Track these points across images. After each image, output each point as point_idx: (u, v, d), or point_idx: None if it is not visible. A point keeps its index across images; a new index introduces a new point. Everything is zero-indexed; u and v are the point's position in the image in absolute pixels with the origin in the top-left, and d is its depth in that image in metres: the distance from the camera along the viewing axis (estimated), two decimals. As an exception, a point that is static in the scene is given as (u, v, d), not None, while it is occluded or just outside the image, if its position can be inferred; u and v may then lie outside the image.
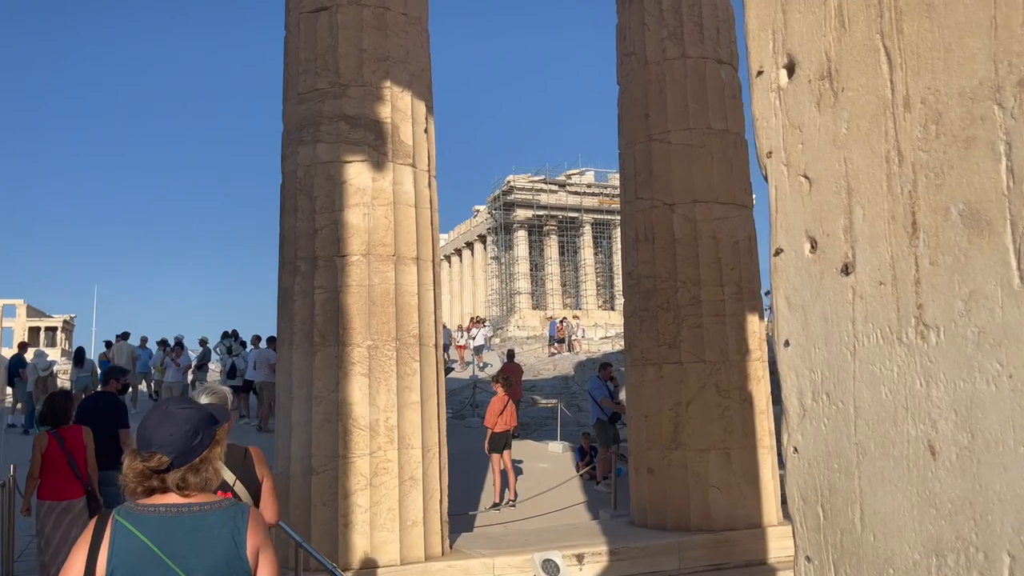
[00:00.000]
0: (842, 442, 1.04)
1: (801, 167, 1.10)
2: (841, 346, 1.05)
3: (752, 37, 1.20)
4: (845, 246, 1.04)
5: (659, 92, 7.60)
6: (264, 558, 2.12)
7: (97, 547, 2.03)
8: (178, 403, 2.20)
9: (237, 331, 16.37)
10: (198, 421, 2.13)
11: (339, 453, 5.93)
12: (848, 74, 1.05)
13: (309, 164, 6.37)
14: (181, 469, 2.06)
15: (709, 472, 7.04)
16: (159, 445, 2.05)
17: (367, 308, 6.11)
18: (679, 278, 7.31)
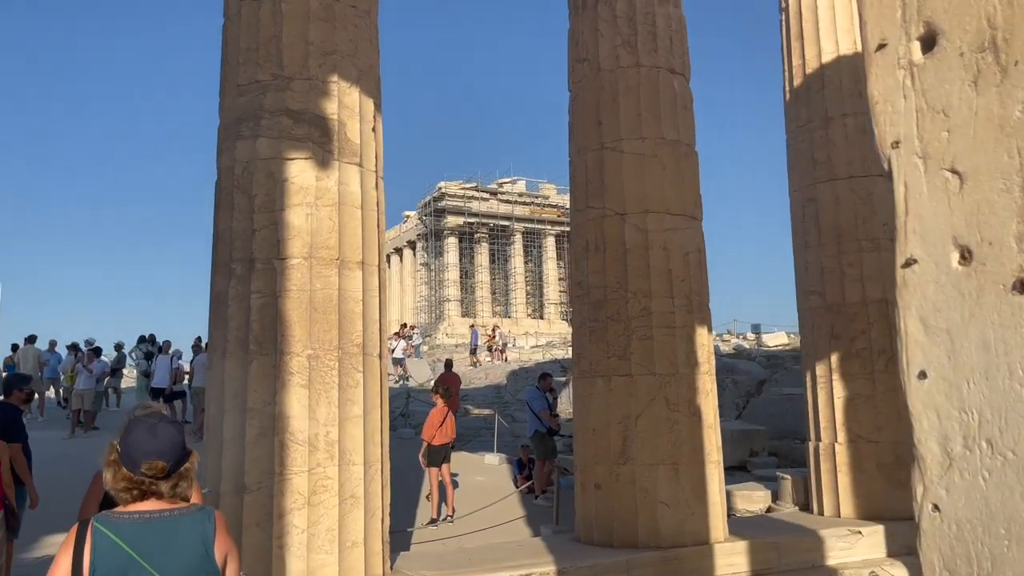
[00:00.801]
0: (1013, 503, 0.83)
1: (946, 160, 0.90)
2: (1011, 382, 0.84)
3: (870, 5, 0.99)
4: (1018, 257, 0.84)
5: (612, 100, 7.46)
6: (231, 560, 2.34)
7: (81, 551, 2.20)
8: (158, 418, 2.36)
9: (155, 336, 15.56)
10: (183, 433, 2.36)
11: (275, 470, 5.53)
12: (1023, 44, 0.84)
13: (248, 160, 5.97)
14: (174, 476, 2.29)
15: (658, 487, 6.90)
16: (159, 454, 2.25)
17: (308, 315, 5.75)
18: (630, 289, 7.17)
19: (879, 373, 8.22)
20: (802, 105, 8.99)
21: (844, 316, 8.43)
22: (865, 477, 8.18)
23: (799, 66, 9.03)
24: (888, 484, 8.10)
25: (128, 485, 2.28)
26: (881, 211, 8.48)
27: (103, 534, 2.21)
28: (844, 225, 8.53)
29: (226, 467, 5.63)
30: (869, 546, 7.59)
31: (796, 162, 9.05)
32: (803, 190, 8.91)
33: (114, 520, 2.26)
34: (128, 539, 2.21)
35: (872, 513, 8.06)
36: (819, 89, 8.81)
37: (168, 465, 2.27)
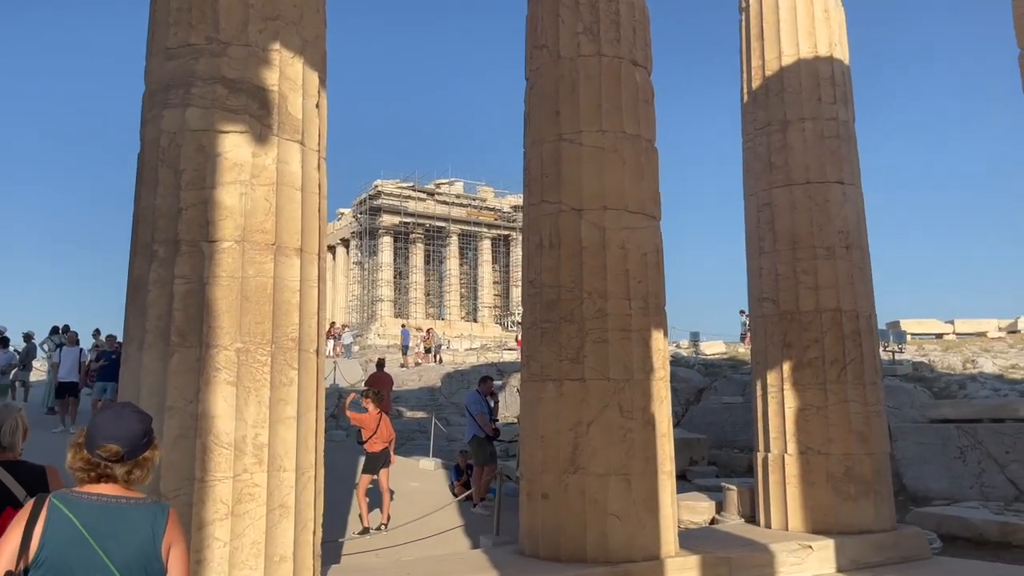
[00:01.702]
0: None
1: None
2: None
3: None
4: None
5: (572, 89, 7.10)
6: (177, 554, 2.39)
7: (33, 524, 2.27)
8: (128, 407, 2.50)
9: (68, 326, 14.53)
10: (147, 422, 2.45)
11: (195, 476, 4.95)
12: None
13: (176, 131, 5.38)
14: (129, 463, 2.35)
15: (609, 499, 6.54)
16: (116, 439, 2.33)
17: (239, 304, 5.19)
18: (585, 289, 6.81)
19: (831, 383, 8.07)
20: (760, 107, 8.81)
21: (798, 324, 8.25)
22: (814, 490, 8.01)
23: (758, 67, 8.85)
24: (837, 497, 7.95)
25: (85, 466, 2.36)
26: (837, 218, 8.35)
27: (58, 510, 2.30)
28: (800, 231, 8.37)
29: (139, 472, 5.01)
30: (819, 560, 7.40)
31: (752, 165, 8.86)
32: (759, 194, 8.72)
33: (72, 498, 2.34)
34: (82, 518, 2.28)
35: (821, 526, 7.89)
36: (778, 92, 8.65)
37: (123, 450, 2.34)
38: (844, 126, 8.58)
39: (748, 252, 8.91)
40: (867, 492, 7.96)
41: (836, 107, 8.55)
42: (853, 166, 8.61)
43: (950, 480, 10.69)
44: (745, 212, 9.01)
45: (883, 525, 8.02)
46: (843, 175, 8.46)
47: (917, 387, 12.94)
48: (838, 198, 8.39)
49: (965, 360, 15.06)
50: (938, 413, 11.22)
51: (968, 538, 8.85)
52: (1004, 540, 8.57)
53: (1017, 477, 10.17)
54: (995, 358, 15.04)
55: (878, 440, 8.14)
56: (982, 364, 14.55)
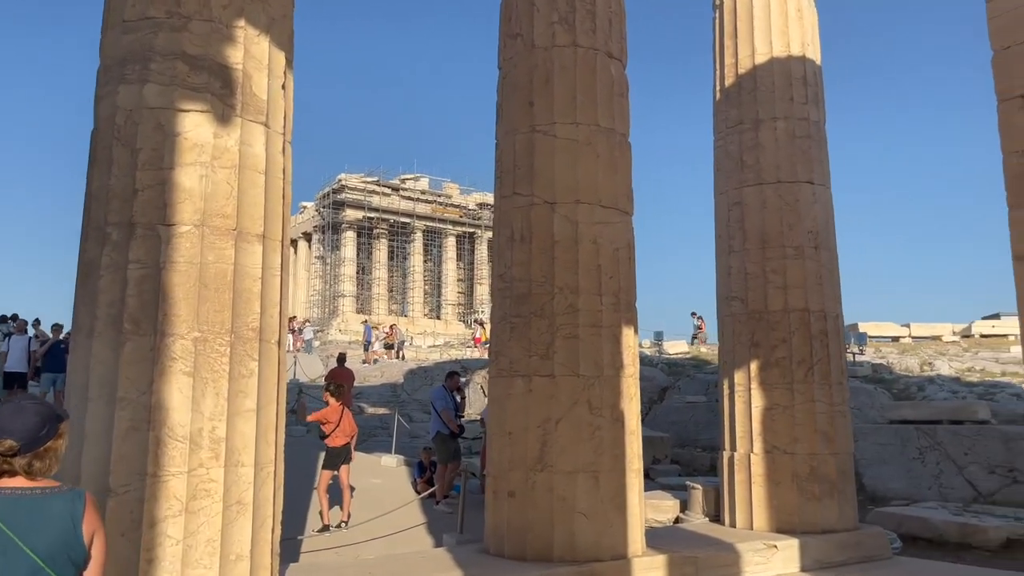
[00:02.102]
0: None
1: None
2: None
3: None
4: None
5: (546, 80, 6.97)
6: (98, 541, 2.44)
7: None
8: (29, 399, 2.53)
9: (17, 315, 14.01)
10: (46, 415, 2.46)
11: (148, 470, 4.71)
12: None
13: (133, 108, 5.12)
14: (28, 455, 2.36)
15: (577, 497, 6.43)
16: (10, 432, 2.36)
17: (197, 291, 4.96)
18: (556, 284, 6.68)
19: (798, 383, 8.06)
20: (733, 106, 8.77)
21: (766, 324, 8.23)
22: (780, 489, 8.00)
23: (731, 65, 8.82)
24: (802, 497, 7.94)
25: None
26: (807, 218, 8.34)
27: None
28: (770, 231, 8.35)
29: (87, 465, 4.77)
30: (784, 560, 7.38)
31: (723, 164, 8.82)
32: (729, 193, 8.69)
33: None
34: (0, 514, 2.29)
35: (785, 526, 7.88)
36: (751, 90, 8.61)
37: (17, 444, 2.36)
38: (815, 126, 8.58)
39: (717, 251, 8.87)
40: (831, 492, 7.97)
41: (808, 107, 8.54)
42: (823, 167, 8.61)
43: (909, 480, 10.80)
44: (715, 210, 8.97)
45: (846, 525, 8.03)
46: (813, 175, 8.45)
47: (877, 388, 13.08)
48: (808, 198, 8.38)
49: (922, 363, 15.28)
50: (898, 414, 11.34)
51: (928, 538, 8.92)
52: (964, 541, 8.65)
53: (975, 478, 10.31)
54: (951, 361, 15.28)
55: (843, 440, 8.16)
56: (939, 367, 14.77)
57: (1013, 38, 5.58)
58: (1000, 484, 10.08)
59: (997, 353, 16.08)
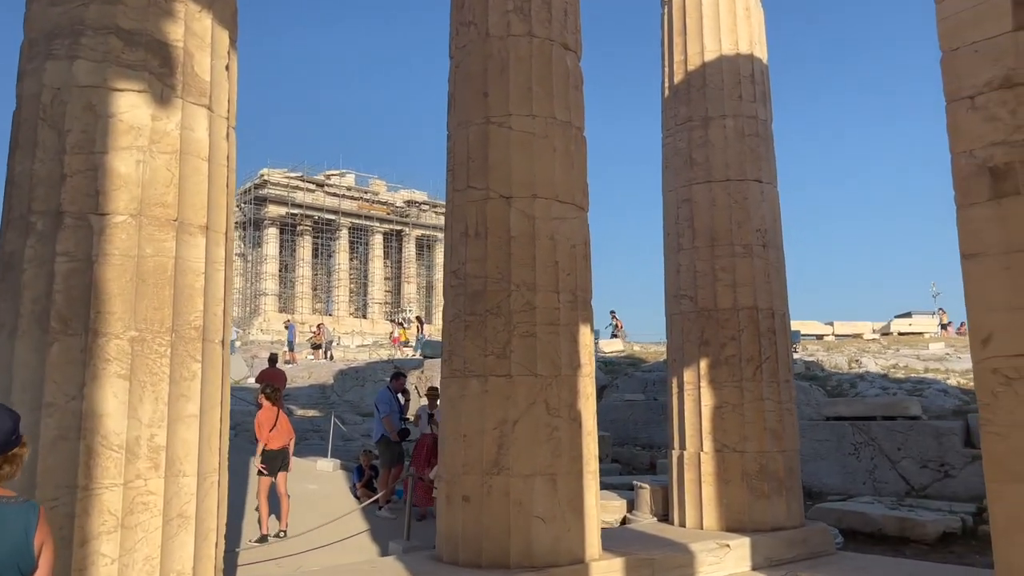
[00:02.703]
0: None
1: None
2: None
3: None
4: None
5: (501, 70, 6.74)
6: (46, 551, 2.50)
7: None
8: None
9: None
10: (15, 421, 2.52)
11: (78, 483, 4.29)
12: None
13: (61, 86, 4.67)
14: (2, 455, 2.44)
15: (534, 501, 6.23)
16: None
17: (133, 287, 4.54)
18: (513, 281, 6.47)
19: (747, 381, 8.06)
20: (682, 103, 8.72)
21: (715, 322, 8.21)
22: (730, 488, 7.98)
23: (680, 62, 8.77)
24: (752, 495, 7.94)
25: None
26: (755, 217, 8.35)
27: None
28: (719, 229, 8.33)
29: (9, 480, 4.30)
30: (736, 559, 7.35)
31: (673, 161, 8.77)
32: (678, 190, 8.64)
33: None
34: None
35: (736, 524, 7.87)
36: (700, 88, 8.58)
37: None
38: (763, 125, 8.61)
39: (666, 248, 8.81)
40: (780, 489, 8.00)
41: (756, 105, 8.56)
42: (771, 165, 8.65)
43: (844, 476, 11.02)
44: (664, 208, 8.91)
45: (794, 521, 8.08)
46: (762, 174, 8.48)
47: (812, 386, 13.34)
48: (756, 196, 8.40)
49: (850, 360, 15.71)
50: (833, 411, 11.57)
51: (867, 533, 9.08)
52: (902, 535, 8.83)
53: (908, 473, 10.58)
54: (876, 358, 15.76)
55: (790, 437, 8.20)
56: (866, 364, 15.20)
57: (962, 39, 5.63)
58: (932, 478, 10.37)
59: (917, 350, 16.66)
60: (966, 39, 5.61)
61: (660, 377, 15.87)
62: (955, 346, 17.17)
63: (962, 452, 10.27)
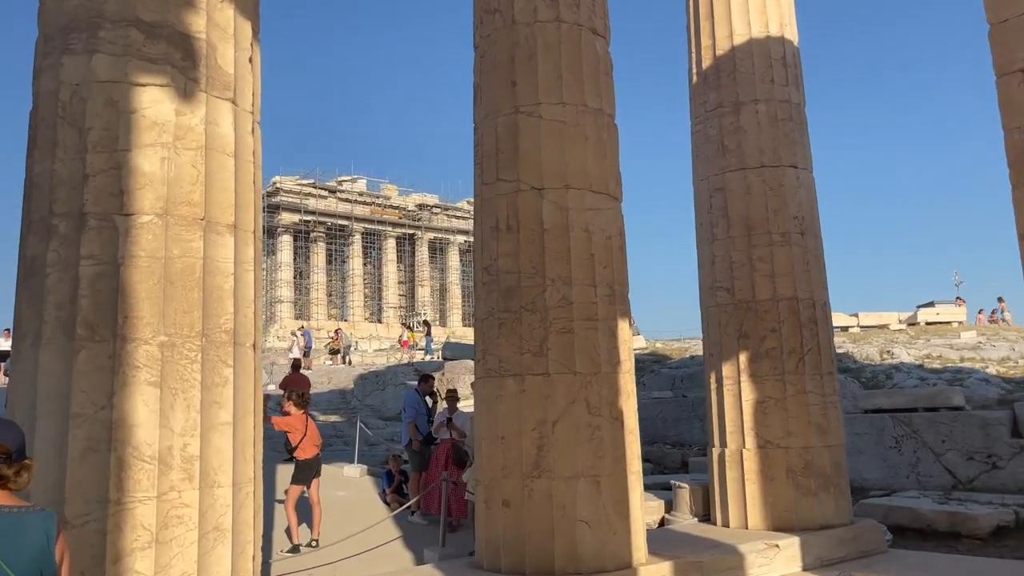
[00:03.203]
0: None
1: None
2: None
3: None
4: None
5: (529, 58, 6.51)
6: (66, 561, 2.58)
7: None
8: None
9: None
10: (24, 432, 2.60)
11: (110, 497, 4.08)
12: None
13: (80, 82, 4.47)
14: (16, 464, 2.48)
15: (577, 504, 5.98)
16: (3, 438, 2.47)
17: (161, 290, 4.34)
18: (548, 275, 6.22)
19: (790, 374, 7.78)
20: (711, 89, 8.46)
21: (754, 313, 7.93)
22: (775, 485, 7.70)
23: (708, 47, 8.50)
24: (798, 492, 7.66)
25: None
26: (792, 203, 8.08)
27: None
28: (755, 217, 8.06)
29: (38, 494, 4.09)
30: (786, 560, 7.07)
31: (703, 149, 8.51)
32: (711, 179, 8.37)
33: None
34: None
35: (782, 523, 7.59)
36: (730, 72, 8.32)
37: (11, 448, 2.45)
38: (796, 109, 8.34)
39: (699, 239, 8.54)
40: (827, 486, 7.72)
41: (788, 89, 8.29)
42: (805, 150, 8.38)
43: (886, 470, 10.70)
44: (695, 198, 8.65)
45: (842, 519, 7.79)
46: (796, 159, 8.21)
47: (846, 378, 13.02)
48: (792, 182, 8.13)
49: (881, 351, 15.37)
50: (872, 403, 11.25)
51: (916, 528, 8.77)
52: (953, 530, 8.52)
53: (953, 465, 10.26)
54: (908, 348, 15.41)
55: (836, 432, 7.92)
56: (899, 354, 14.86)
57: (1011, 10, 5.37)
58: (979, 470, 10.04)
59: (948, 340, 16.29)
60: (1015, 9, 5.35)
61: (687, 373, 15.58)
62: (986, 334, 16.79)
63: (1009, 442, 9.93)
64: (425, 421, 9.59)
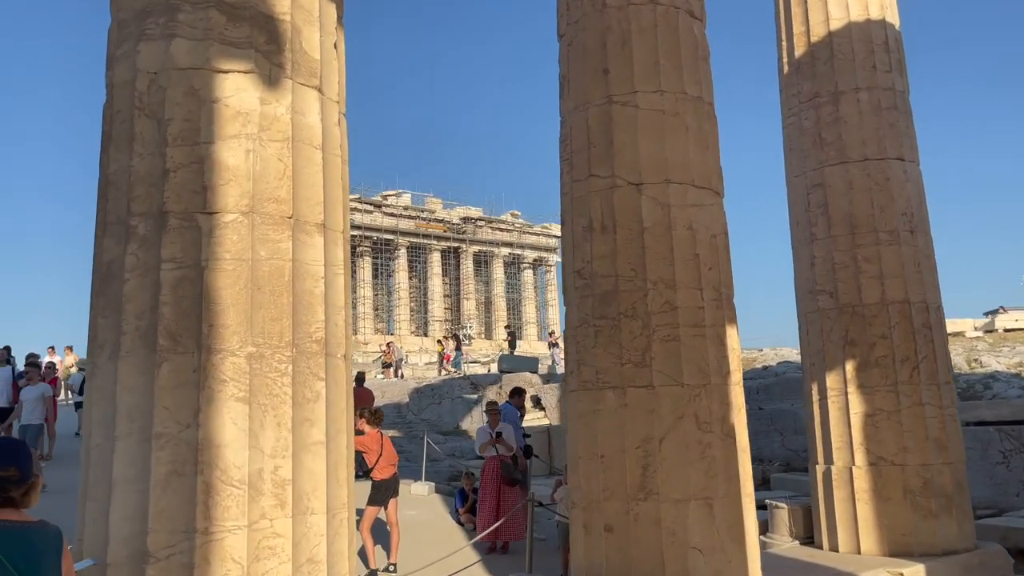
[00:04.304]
0: None
1: None
2: None
3: None
4: None
5: (622, 43, 6.02)
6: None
7: None
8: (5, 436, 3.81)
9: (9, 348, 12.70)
10: (31, 452, 2.75)
11: (196, 526, 3.65)
12: None
13: (158, 70, 4.10)
14: (25, 484, 2.60)
15: (689, 529, 5.42)
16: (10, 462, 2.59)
17: (248, 295, 3.92)
18: (649, 278, 5.70)
19: (903, 384, 7.13)
20: (805, 78, 7.88)
21: (861, 319, 7.31)
22: (889, 506, 7.05)
23: (801, 34, 7.93)
24: (916, 514, 7.00)
25: None
26: (899, 199, 7.45)
27: None
28: (859, 214, 7.45)
29: (117, 524, 3.70)
30: (910, 589, 6.42)
31: (798, 143, 7.92)
32: (808, 174, 7.78)
33: None
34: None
35: (898, 548, 6.93)
36: (827, 60, 7.73)
37: (20, 472, 2.58)
38: (900, 97, 7.73)
39: (796, 239, 7.95)
40: (948, 507, 7.04)
41: (892, 76, 7.68)
42: (912, 141, 7.75)
43: (993, 487, 9.93)
44: (789, 195, 8.06)
45: (966, 543, 7.10)
46: (903, 151, 7.59)
47: (939, 388, 12.22)
48: (899, 176, 7.50)
49: (968, 359, 14.51)
50: (974, 415, 10.48)
51: (1040, 552, 8.00)
52: (1085, 553, 7.74)
53: (1071, 482, 9.46)
54: (996, 356, 14.52)
55: (956, 447, 7.24)
56: (989, 363, 14.00)
57: None
58: (1101, 487, 9.24)
59: (1038, 346, 15.34)
60: None
61: (762, 384, 14.88)
62: (1076, 341, 15.80)
63: None
64: (521, 436, 9.12)
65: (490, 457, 8.75)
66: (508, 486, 8.48)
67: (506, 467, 8.53)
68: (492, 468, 8.69)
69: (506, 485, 8.50)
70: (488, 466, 8.76)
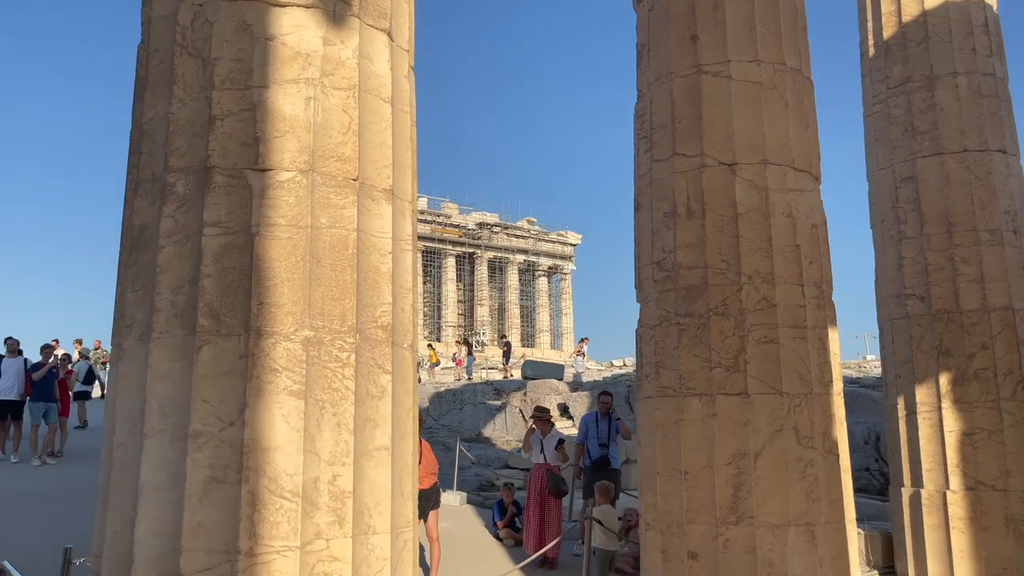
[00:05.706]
0: None
1: None
2: None
3: None
4: None
5: (714, 7, 5.36)
6: None
7: None
8: None
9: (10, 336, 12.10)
10: None
11: (240, 546, 2.99)
12: None
13: (204, 1, 3.46)
14: None
15: (788, 559, 4.72)
16: None
17: (306, 269, 3.26)
18: (743, 270, 5.02)
19: (1006, 401, 6.41)
20: (895, 62, 7.19)
21: (957, 327, 6.59)
22: (989, 536, 6.32)
23: (891, 13, 7.25)
24: (1019, 545, 6.26)
25: None
26: (1002, 195, 6.74)
27: None
28: (956, 211, 6.74)
29: (145, 538, 3.04)
30: (1021, 631, 5.69)
31: (884, 132, 7.22)
32: (897, 167, 7.08)
33: None
34: None
35: (1000, 582, 6.19)
36: (920, 42, 7.04)
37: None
38: (1001, 84, 7.04)
39: (880, 238, 7.25)
40: (1056, 538, 6.30)
41: (992, 60, 6.99)
42: (1013, 133, 7.05)
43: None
44: (873, 189, 7.37)
45: (1074, 579, 6.35)
46: (1005, 142, 6.89)
47: None
48: (1002, 170, 6.80)
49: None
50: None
51: None
52: None
53: None
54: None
55: (1064, 472, 6.49)
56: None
57: None
58: None
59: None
60: None
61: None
62: None
63: None
64: (596, 444, 8.45)
65: (537, 465, 8.10)
66: (555, 498, 7.82)
67: (553, 478, 7.86)
68: (538, 477, 8.03)
69: (552, 496, 7.85)
70: (534, 474, 8.11)
